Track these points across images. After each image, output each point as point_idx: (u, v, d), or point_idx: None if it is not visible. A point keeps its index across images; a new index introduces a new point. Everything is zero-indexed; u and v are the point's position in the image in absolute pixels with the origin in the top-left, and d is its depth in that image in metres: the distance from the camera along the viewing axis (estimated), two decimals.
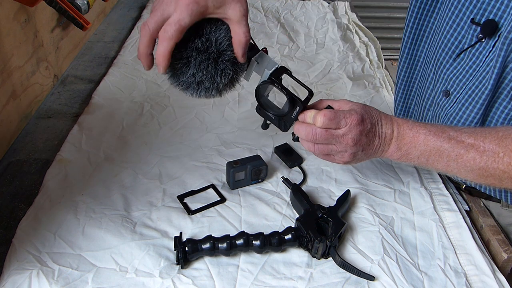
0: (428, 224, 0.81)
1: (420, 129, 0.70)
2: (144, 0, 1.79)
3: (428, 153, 0.70)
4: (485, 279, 0.72)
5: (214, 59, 0.66)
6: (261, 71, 0.73)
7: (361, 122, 0.68)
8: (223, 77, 0.68)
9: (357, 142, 0.69)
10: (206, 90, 0.69)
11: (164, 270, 0.70)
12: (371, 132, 0.69)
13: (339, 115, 0.68)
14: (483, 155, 0.66)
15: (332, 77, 1.31)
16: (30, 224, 0.77)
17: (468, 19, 0.75)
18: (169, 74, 0.69)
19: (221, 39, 0.66)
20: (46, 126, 1.07)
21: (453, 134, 0.69)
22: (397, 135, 0.71)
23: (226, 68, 0.68)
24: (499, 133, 0.67)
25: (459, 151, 0.68)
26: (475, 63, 0.76)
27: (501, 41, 0.69)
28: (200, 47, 0.65)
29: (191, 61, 0.66)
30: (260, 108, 0.75)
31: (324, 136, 0.69)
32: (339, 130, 0.68)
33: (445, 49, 0.80)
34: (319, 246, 0.72)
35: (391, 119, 0.72)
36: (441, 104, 0.82)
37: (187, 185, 0.88)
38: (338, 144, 0.70)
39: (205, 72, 0.66)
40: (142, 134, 1.02)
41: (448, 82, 0.81)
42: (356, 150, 0.70)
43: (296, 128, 0.72)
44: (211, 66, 0.67)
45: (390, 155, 0.72)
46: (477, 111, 0.76)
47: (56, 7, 1.12)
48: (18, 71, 1.03)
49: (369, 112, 0.71)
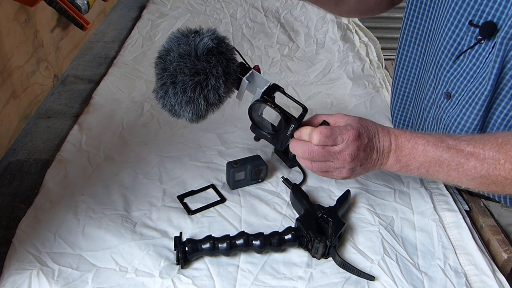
0: (428, 224, 0.81)
1: (419, 140, 0.70)
2: (144, 0, 1.78)
3: (428, 164, 0.69)
4: (485, 279, 0.72)
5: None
6: (253, 90, 0.73)
7: (358, 137, 0.68)
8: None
9: (355, 158, 0.69)
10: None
11: (164, 270, 0.70)
12: (369, 146, 0.69)
13: (335, 132, 0.67)
14: (484, 162, 0.66)
15: (332, 77, 1.31)
16: (30, 224, 0.77)
17: (467, 20, 0.75)
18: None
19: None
20: (46, 126, 1.07)
21: (452, 143, 0.68)
22: (395, 147, 0.70)
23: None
24: (498, 139, 0.67)
25: (459, 160, 0.68)
26: (475, 64, 0.76)
27: (499, 41, 0.69)
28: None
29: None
30: (255, 127, 0.75)
31: (321, 153, 0.68)
32: (336, 146, 0.68)
33: (444, 51, 0.80)
34: (319, 246, 0.72)
35: (388, 131, 0.71)
36: (443, 106, 0.82)
37: (187, 185, 0.88)
38: (335, 161, 0.69)
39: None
40: (142, 134, 1.02)
41: (449, 84, 0.80)
42: (354, 166, 0.70)
43: (292, 146, 0.72)
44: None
45: (389, 167, 0.72)
46: (477, 112, 0.76)
47: (56, 7, 1.12)
48: (18, 71, 1.03)
49: (365, 126, 0.70)
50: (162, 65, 0.68)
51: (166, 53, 0.67)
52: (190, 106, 0.68)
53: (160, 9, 1.68)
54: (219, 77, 0.67)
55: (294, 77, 1.31)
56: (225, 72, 0.67)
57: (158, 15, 1.64)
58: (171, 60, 0.66)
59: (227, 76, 0.68)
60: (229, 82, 0.69)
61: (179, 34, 0.68)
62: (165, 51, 0.68)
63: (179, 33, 0.68)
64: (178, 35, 0.68)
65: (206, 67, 0.66)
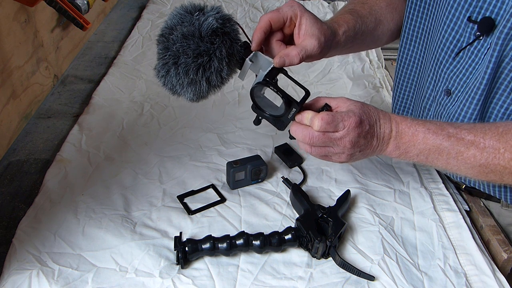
0: (428, 224, 0.81)
1: (419, 127, 0.70)
2: (144, 0, 1.78)
3: (427, 151, 0.69)
4: (485, 279, 0.72)
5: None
6: (256, 70, 0.72)
7: (359, 124, 0.67)
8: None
9: (355, 144, 0.68)
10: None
11: (164, 270, 0.70)
12: (369, 133, 0.69)
13: (337, 118, 0.67)
14: (484, 151, 0.66)
15: (332, 77, 1.31)
16: (30, 224, 0.77)
17: (465, 17, 0.75)
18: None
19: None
20: (46, 126, 1.07)
21: (453, 131, 0.68)
22: (395, 134, 0.70)
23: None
24: (499, 128, 0.67)
25: (459, 149, 0.68)
26: (474, 61, 0.76)
27: (496, 35, 0.69)
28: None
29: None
30: (256, 107, 0.75)
31: (321, 139, 0.68)
32: (337, 133, 0.67)
33: (444, 48, 0.80)
34: (319, 246, 0.72)
35: (390, 117, 0.71)
36: (443, 103, 0.82)
37: (187, 185, 0.88)
38: (335, 147, 0.69)
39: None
40: (142, 134, 1.02)
41: (449, 81, 0.81)
42: (354, 152, 0.70)
43: (293, 130, 0.71)
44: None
45: (389, 153, 0.72)
46: (475, 107, 0.76)
47: (56, 7, 1.12)
48: (18, 71, 1.03)
49: (367, 112, 0.70)
50: (165, 44, 0.66)
51: (169, 32, 0.66)
52: (192, 87, 0.67)
53: (160, 9, 1.68)
54: (222, 59, 0.66)
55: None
56: (229, 54, 0.66)
57: (158, 15, 1.64)
58: (174, 39, 0.65)
59: (231, 57, 0.67)
60: (232, 63, 0.68)
61: (183, 11, 0.66)
62: (168, 29, 0.66)
63: (182, 9, 0.66)
64: (182, 11, 0.66)
65: (209, 49, 0.64)
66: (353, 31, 0.81)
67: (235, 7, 1.75)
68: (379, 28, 0.88)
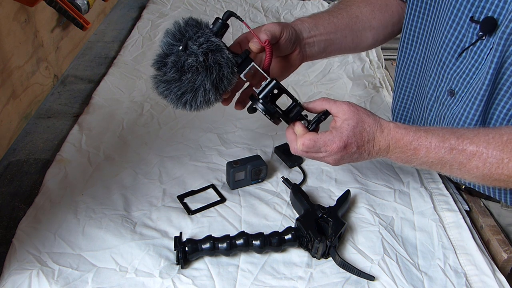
0: (428, 224, 0.81)
1: (421, 141, 0.69)
2: (144, 0, 1.79)
3: (429, 163, 0.70)
4: (485, 279, 0.72)
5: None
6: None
7: (342, 149, 0.69)
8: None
9: (338, 162, 0.72)
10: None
11: (164, 270, 0.70)
12: (357, 152, 0.70)
13: (318, 144, 0.69)
14: (486, 162, 0.66)
15: (332, 77, 1.31)
16: (30, 224, 0.77)
17: (467, 17, 0.75)
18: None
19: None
20: (46, 126, 1.07)
21: (455, 143, 0.68)
22: (393, 148, 0.71)
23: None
24: (503, 137, 0.66)
25: (462, 161, 0.68)
26: (477, 61, 0.76)
27: (499, 36, 0.69)
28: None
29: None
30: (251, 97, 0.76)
31: (305, 154, 0.72)
32: (320, 153, 0.70)
33: (446, 48, 0.80)
34: (319, 246, 0.72)
35: (389, 134, 0.70)
36: (446, 103, 0.82)
37: (187, 185, 0.88)
38: (320, 159, 0.72)
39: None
40: (142, 134, 1.02)
41: (452, 82, 0.80)
42: (339, 162, 0.72)
43: (286, 133, 0.75)
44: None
45: (390, 159, 0.73)
46: (477, 108, 0.76)
47: (56, 7, 1.12)
48: (18, 71, 1.03)
49: (360, 132, 0.69)
50: (161, 66, 0.69)
51: (163, 63, 0.68)
52: (182, 108, 0.70)
53: (160, 9, 1.68)
54: (208, 91, 0.68)
55: (294, 77, 1.30)
56: (216, 83, 0.68)
57: (158, 15, 1.64)
58: (168, 68, 0.68)
59: (218, 85, 0.69)
60: (221, 88, 0.69)
61: (172, 39, 0.67)
62: (160, 57, 0.69)
63: (170, 36, 0.68)
64: (171, 40, 0.67)
65: (193, 88, 0.67)
66: (322, 26, 0.84)
67: (235, 7, 1.75)
68: (357, 24, 0.89)
